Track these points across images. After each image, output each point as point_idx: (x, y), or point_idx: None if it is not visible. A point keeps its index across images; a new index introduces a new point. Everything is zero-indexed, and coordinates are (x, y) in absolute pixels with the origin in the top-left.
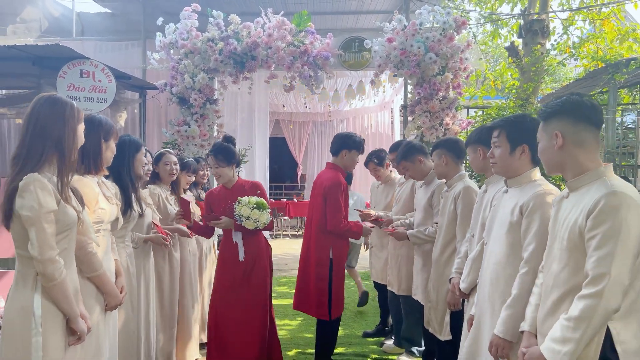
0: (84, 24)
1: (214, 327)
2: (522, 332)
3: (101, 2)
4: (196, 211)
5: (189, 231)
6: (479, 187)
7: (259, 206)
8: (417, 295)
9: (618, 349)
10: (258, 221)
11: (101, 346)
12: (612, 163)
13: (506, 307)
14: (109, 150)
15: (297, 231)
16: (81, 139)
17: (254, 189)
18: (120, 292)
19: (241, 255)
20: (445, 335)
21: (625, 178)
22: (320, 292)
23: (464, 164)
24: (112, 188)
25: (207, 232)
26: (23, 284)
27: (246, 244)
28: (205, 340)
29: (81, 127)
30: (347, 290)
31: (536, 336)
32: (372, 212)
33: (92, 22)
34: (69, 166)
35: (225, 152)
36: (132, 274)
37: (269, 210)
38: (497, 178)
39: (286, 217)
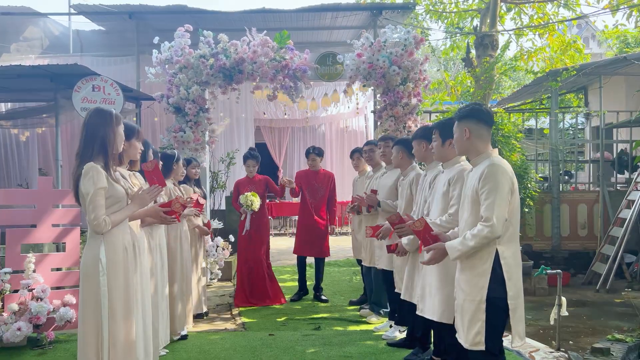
0: (82, 41)
1: (246, 273)
2: None
3: (97, 21)
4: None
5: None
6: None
7: (254, 196)
8: (380, 264)
9: (502, 262)
10: (253, 203)
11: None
12: (497, 148)
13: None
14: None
15: (279, 230)
16: (121, 137)
17: (264, 180)
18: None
19: (247, 226)
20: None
21: (568, 172)
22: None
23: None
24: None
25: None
26: (94, 241)
27: (251, 219)
28: (202, 310)
29: (120, 128)
30: (343, 274)
31: None
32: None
33: (89, 39)
34: (111, 156)
35: (259, 158)
36: (152, 248)
37: (258, 200)
38: (434, 165)
39: (269, 217)
